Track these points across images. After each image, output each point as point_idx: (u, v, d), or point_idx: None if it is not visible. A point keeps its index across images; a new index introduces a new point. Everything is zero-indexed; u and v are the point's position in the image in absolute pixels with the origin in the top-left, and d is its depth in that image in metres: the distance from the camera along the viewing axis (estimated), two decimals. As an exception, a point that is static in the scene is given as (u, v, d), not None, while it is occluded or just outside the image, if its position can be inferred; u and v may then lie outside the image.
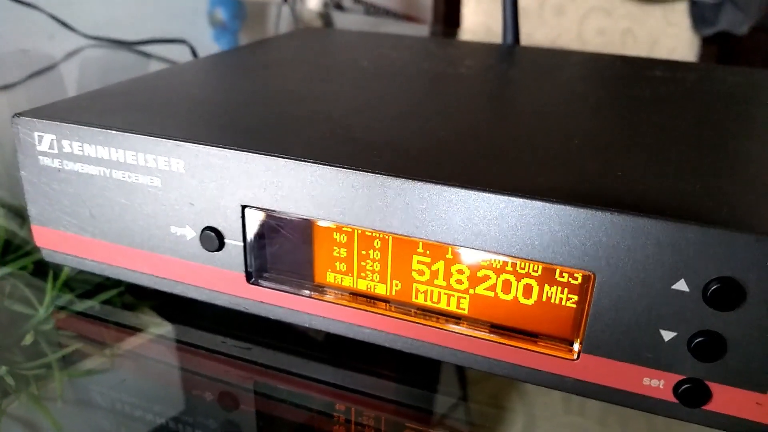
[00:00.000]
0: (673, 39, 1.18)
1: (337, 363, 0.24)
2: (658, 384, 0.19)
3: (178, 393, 0.24)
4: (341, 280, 0.22)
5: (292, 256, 0.22)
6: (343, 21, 1.21)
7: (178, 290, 0.24)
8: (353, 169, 0.20)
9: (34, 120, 0.23)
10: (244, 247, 0.22)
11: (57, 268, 0.29)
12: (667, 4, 1.16)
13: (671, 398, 0.19)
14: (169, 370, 0.25)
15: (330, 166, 0.20)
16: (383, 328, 0.22)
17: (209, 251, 0.23)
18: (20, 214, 0.36)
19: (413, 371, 0.24)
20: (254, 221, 0.22)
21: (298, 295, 0.23)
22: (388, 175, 0.19)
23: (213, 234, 0.22)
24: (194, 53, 0.65)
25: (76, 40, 0.72)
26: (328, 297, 0.22)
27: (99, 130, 0.22)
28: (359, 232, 0.21)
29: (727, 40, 1.20)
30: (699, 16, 1.16)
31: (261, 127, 0.23)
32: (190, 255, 0.23)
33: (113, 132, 0.22)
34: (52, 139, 0.23)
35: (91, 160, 0.23)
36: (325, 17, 1.22)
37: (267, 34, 0.99)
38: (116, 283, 0.28)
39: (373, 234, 0.21)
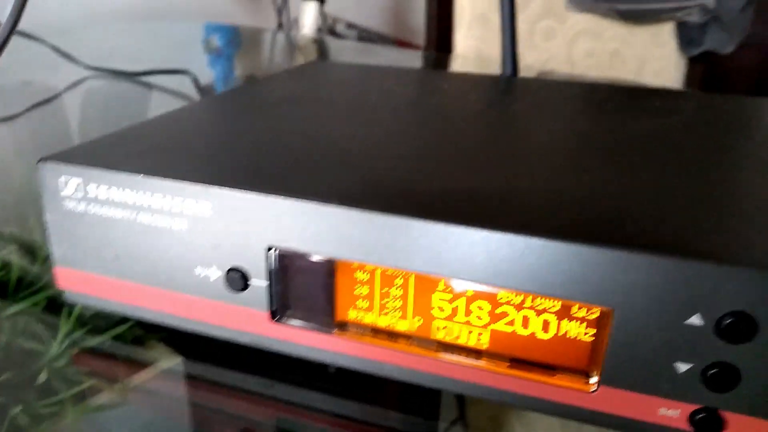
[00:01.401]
0: (660, 60, 1.21)
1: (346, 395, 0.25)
2: (674, 414, 0.20)
3: (188, 427, 0.24)
4: (363, 318, 0.23)
5: (315, 295, 0.23)
6: (337, 47, 1.23)
7: (202, 329, 0.25)
8: (377, 212, 0.20)
9: (60, 164, 0.24)
10: (269, 286, 0.23)
11: (70, 306, 0.30)
12: (654, 26, 1.19)
13: (687, 427, 0.20)
14: (178, 404, 0.26)
15: (353, 208, 0.21)
16: (405, 365, 0.23)
17: (234, 291, 0.23)
18: (31, 251, 0.36)
19: (418, 401, 0.25)
20: (279, 262, 0.23)
21: (321, 332, 0.23)
22: (412, 217, 0.20)
23: (238, 274, 0.23)
24: (197, 84, 0.66)
25: (78, 71, 0.73)
26: (350, 334, 0.23)
27: (126, 174, 0.23)
28: (381, 270, 0.22)
29: (713, 59, 1.22)
30: (685, 37, 1.19)
31: (283, 169, 0.24)
32: (214, 295, 0.24)
33: (140, 177, 0.23)
34: (78, 184, 0.24)
35: (117, 204, 0.24)
36: (320, 43, 1.24)
37: (262, 61, 1.01)
38: (126, 318, 0.29)
39: (395, 273, 0.22)
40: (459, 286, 0.21)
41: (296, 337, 0.23)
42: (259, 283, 0.23)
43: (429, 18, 1.13)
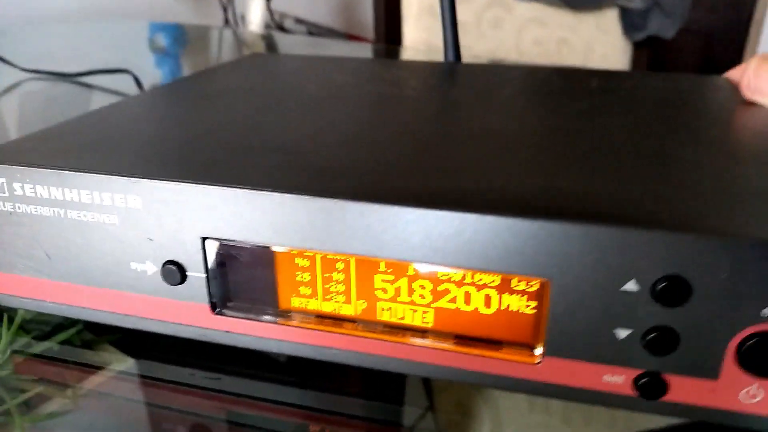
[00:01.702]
0: (606, 46, 1.23)
1: (300, 384, 0.25)
2: (618, 380, 0.20)
3: (143, 428, 0.23)
4: (306, 304, 0.23)
5: (255, 284, 0.23)
6: (286, 42, 1.22)
7: (142, 326, 0.24)
8: (312, 196, 0.20)
9: (-19, 164, 0.23)
10: (207, 278, 0.22)
11: (10, 312, 0.28)
12: (598, 13, 1.21)
13: (631, 392, 0.20)
14: (132, 405, 0.25)
15: (288, 193, 0.20)
16: (351, 348, 0.22)
17: (171, 285, 0.23)
18: None
19: (380, 386, 0.25)
20: (215, 252, 0.22)
21: (264, 322, 0.23)
22: (346, 199, 0.20)
23: (174, 268, 0.22)
24: (138, 82, 0.65)
25: (14, 73, 0.70)
26: (294, 322, 0.23)
27: (51, 171, 0.22)
28: (321, 256, 0.22)
29: (657, 44, 1.25)
30: (629, 23, 1.22)
31: (215, 159, 0.23)
32: (152, 290, 0.23)
33: (66, 172, 0.22)
34: (2, 183, 0.23)
35: (45, 201, 0.23)
36: (268, 39, 1.23)
37: (210, 58, 0.99)
38: (74, 322, 0.28)
39: (336, 257, 0.21)
40: (399, 267, 0.21)
41: (239, 328, 0.23)
42: (197, 275, 0.22)
43: (377, 11, 1.12)
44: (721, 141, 0.27)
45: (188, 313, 0.23)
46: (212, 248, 0.22)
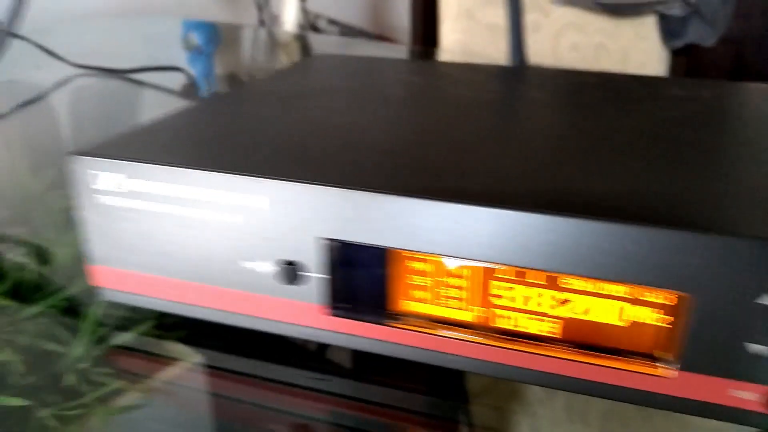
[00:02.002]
0: (644, 53, 1.22)
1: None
2: (751, 396, 0.20)
3: (211, 420, 0.23)
4: (423, 308, 0.22)
5: (372, 286, 0.22)
6: (320, 42, 1.22)
7: (252, 324, 0.24)
8: (435, 200, 0.20)
9: (95, 159, 0.23)
10: (324, 279, 0.22)
11: (88, 306, 0.28)
12: (637, 19, 1.20)
13: (765, 410, 0.20)
14: (202, 397, 0.25)
15: (414, 197, 0.20)
16: (469, 354, 0.22)
17: (287, 284, 0.22)
18: (41, 253, 0.35)
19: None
20: (334, 253, 0.22)
21: (378, 324, 0.22)
22: (474, 204, 0.19)
23: (291, 267, 0.22)
24: (191, 80, 0.65)
25: (65, 69, 0.70)
26: (409, 325, 0.22)
27: (174, 168, 0.22)
28: (440, 260, 0.21)
29: (695, 52, 1.24)
30: (667, 30, 1.20)
31: (331, 160, 0.23)
32: (266, 289, 0.23)
33: (191, 170, 0.22)
34: (117, 178, 0.23)
35: (159, 197, 0.23)
36: (301, 39, 1.23)
37: (243, 57, 0.99)
38: (145, 318, 0.28)
39: (456, 262, 0.21)
40: (527, 276, 0.21)
41: (352, 330, 0.23)
42: (314, 275, 0.22)
43: (414, 13, 1.12)
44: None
45: (302, 314, 0.23)
46: (331, 249, 0.22)
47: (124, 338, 0.27)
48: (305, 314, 0.23)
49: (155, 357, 0.27)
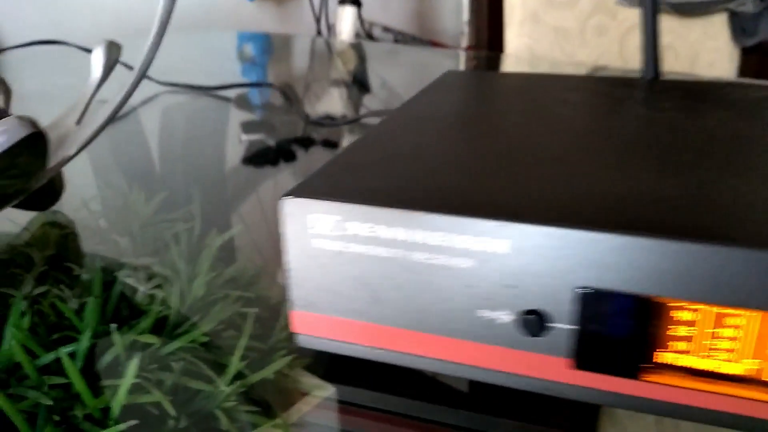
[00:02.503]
0: (713, 52, 1.18)
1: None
2: None
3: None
4: (684, 360, 0.20)
5: (626, 337, 0.20)
6: (374, 51, 1.20)
7: (480, 376, 0.22)
8: (707, 244, 0.18)
9: (311, 201, 0.21)
10: (572, 330, 0.20)
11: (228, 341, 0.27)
12: (706, 18, 1.16)
13: None
14: None
15: (685, 242, 0.18)
16: (740, 411, 0.20)
17: (528, 336, 0.21)
18: (179, 286, 0.34)
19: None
20: (587, 302, 0.20)
21: (632, 378, 0.20)
22: (750, 248, 0.17)
23: (536, 317, 0.20)
24: (287, 97, 0.64)
25: (151, 87, 0.70)
26: (667, 379, 0.20)
27: (399, 211, 0.20)
28: (708, 308, 0.19)
29: (765, 50, 1.20)
30: (739, 28, 1.17)
31: (571, 198, 0.21)
32: (502, 340, 0.21)
33: (418, 213, 0.20)
34: (336, 222, 0.21)
35: (382, 241, 0.21)
36: (358, 48, 1.22)
37: (297, 67, 0.98)
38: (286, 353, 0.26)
39: (728, 311, 0.19)
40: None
41: (599, 384, 0.21)
42: (562, 326, 0.20)
43: (478, 17, 1.10)
44: None
45: (544, 367, 0.21)
46: (585, 298, 0.20)
47: (265, 373, 0.26)
48: (548, 367, 0.21)
49: (297, 392, 0.25)
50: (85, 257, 0.38)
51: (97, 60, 0.43)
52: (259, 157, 0.50)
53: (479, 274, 0.20)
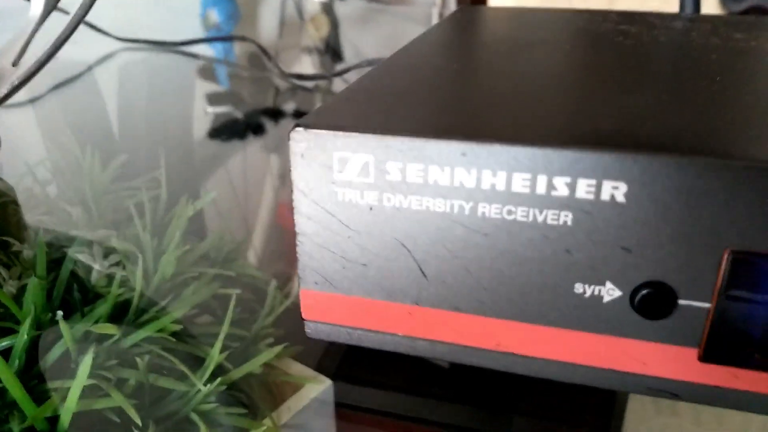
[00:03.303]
0: (701, 17, 1.14)
1: None
2: None
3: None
4: None
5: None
6: (345, 11, 1.13)
7: (570, 376, 0.16)
8: None
9: (336, 134, 0.15)
10: (713, 310, 0.14)
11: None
12: (695, -19, 1.12)
13: None
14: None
15: None
16: None
17: (645, 318, 0.15)
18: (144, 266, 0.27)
19: None
20: (738, 271, 0.14)
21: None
22: None
23: (657, 292, 0.14)
24: (263, 50, 0.57)
25: (109, 43, 0.62)
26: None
27: (472, 144, 0.14)
28: None
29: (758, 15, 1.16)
30: (728, -8, 1.12)
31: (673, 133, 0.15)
32: (605, 325, 0.15)
33: (497, 146, 0.14)
34: (367, 162, 0.15)
35: (438, 190, 0.15)
36: (327, 7, 1.14)
37: (263, 31, 0.90)
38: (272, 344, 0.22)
39: None
40: None
41: (743, 383, 0.15)
42: (697, 304, 0.14)
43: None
44: None
45: (663, 361, 0.15)
46: (737, 265, 0.14)
47: (250, 367, 0.21)
48: (671, 362, 0.15)
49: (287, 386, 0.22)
50: (28, 230, 0.30)
51: (38, -6, 0.35)
52: (233, 122, 0.44)
53: (581, 232, 0.14)
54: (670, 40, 0.27)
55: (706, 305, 0.14)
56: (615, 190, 0.14)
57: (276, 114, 0.46)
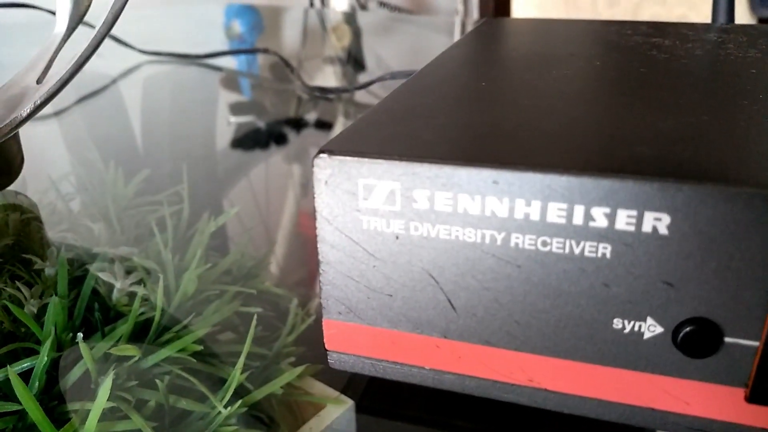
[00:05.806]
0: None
1: None
2: None
3: None
4: None
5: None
6: (368, 21, 1.13)
7: (608, 414, 0.15)
8: None
9: (361, 160, 0.15)
10: (753, 347, 0.14)
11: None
12: (722, -12, 1.10)
13: None
14: None
15: None
16: None
17: (688, 356, 0.14)
18: (165, 284, 0.27)
19: None
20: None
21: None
22: None
23: (700, 330, 0.14)
24: (285, 62, 0.56)
25: (133, 56, 0.62)
26: None
27: (504, 172, 0.14)
28: None
29: (785, 22, 1.14)
30: (756, -1, 1.10)
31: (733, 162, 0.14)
32: (645, 362, 0.14)
33: (531, 174, 0.13)
34: (394, 190, 0.15)
35: (468, 219, 0.14)
36: (350, 17, 1.15)
37: (286, 41, 0.90)
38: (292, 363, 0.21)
39: None
40: None
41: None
42: (744, 343, 0.14)
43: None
44: None
45: (703, 400, 0.14)
46: (786, 301, 0.13)
47: (272, 388, 0.20)
48: (709, 401, 0.14)
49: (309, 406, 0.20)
50: (50, 248, 0.30)
51: (63, 11, 0.36)
52: (255, 134, 0.43)
53: (620, 265, 0.14)
54: (706, 54, 0.26)
55: (755, 344, 0.13)
56: (657, 222, 0.13)
57: (298, 124, 0.46)
